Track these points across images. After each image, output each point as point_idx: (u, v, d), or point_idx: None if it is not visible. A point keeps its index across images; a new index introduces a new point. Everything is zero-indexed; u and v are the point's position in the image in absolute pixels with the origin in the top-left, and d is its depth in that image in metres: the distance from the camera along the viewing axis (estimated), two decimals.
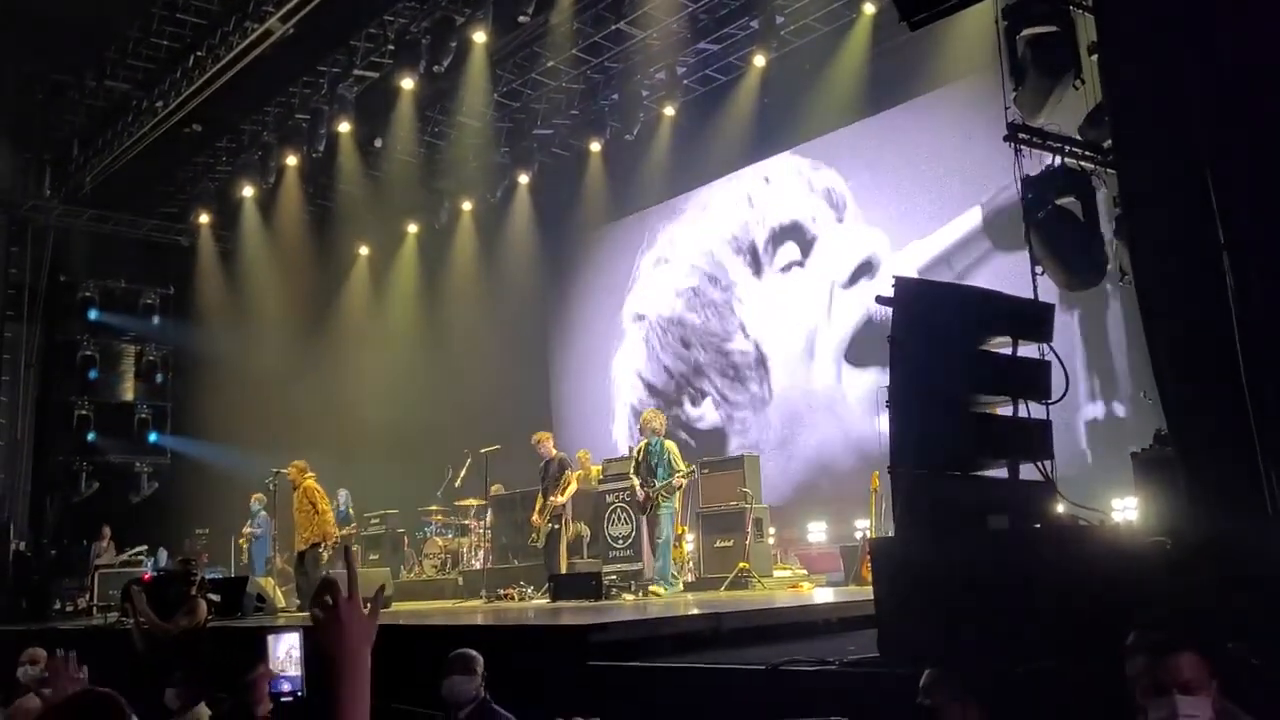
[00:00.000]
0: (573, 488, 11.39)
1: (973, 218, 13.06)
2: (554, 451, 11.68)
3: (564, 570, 11.19)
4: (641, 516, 11.13)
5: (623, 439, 16.99)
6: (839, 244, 14.92)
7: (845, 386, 14.63)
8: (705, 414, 16.59)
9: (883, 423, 5.01)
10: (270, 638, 2.75)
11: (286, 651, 2.78)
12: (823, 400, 14.91)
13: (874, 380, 13.91)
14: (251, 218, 17.59)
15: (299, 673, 2.81)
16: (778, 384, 15.59)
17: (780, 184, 15.75)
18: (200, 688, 5.48)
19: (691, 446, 15.16)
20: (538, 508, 11.54)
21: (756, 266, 16.07)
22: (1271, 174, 4.03)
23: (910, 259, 13.63)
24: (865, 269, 14.46)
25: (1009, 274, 9.49)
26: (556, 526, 11.25)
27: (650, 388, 17.47)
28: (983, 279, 11.97)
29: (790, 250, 15.58)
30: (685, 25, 13.95)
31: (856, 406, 14.24)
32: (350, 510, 14.79)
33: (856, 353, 14.42)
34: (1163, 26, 4.33)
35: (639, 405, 17.03)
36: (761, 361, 15.91)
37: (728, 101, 15.15)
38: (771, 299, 15.80)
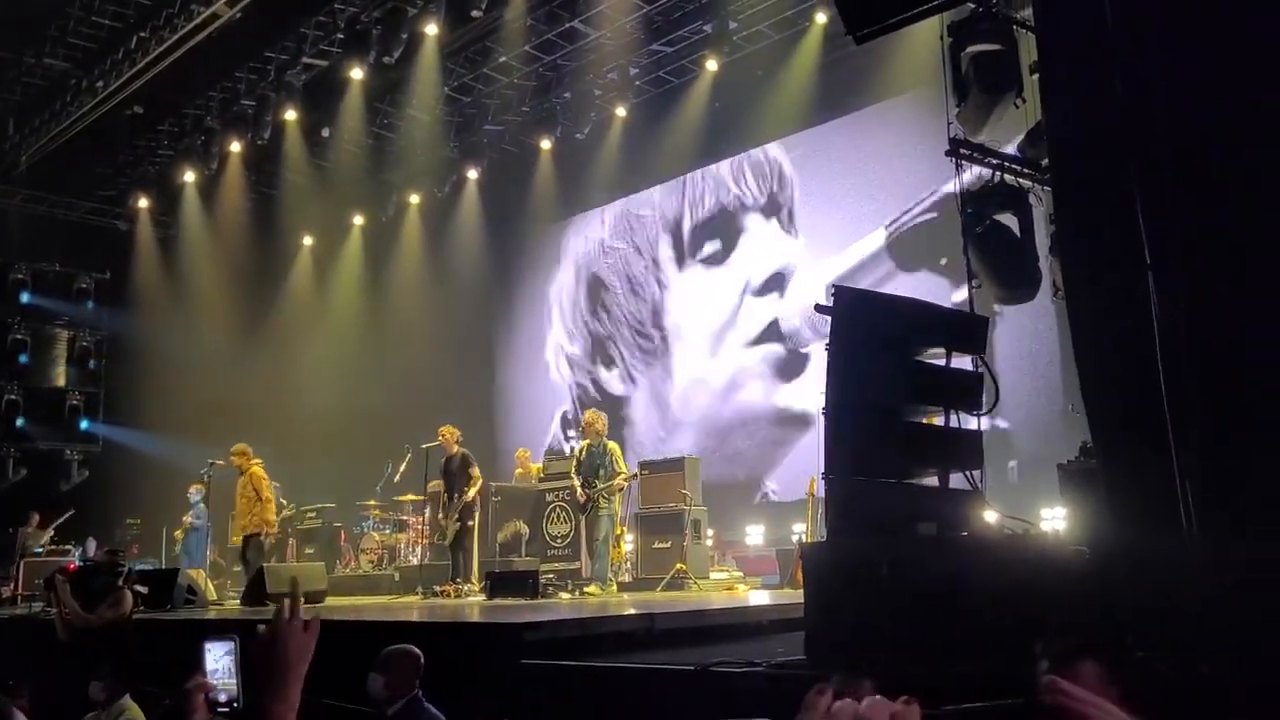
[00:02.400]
0: (478, 484, 11.20)
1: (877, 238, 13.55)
2: (456, 448, 11.44)
3: (475, 568, 11.11)
4: (581, 516, 11.15)
5: (553, 365, 17.58)
6: (762, 248, 15.27)
7: (741, 394, 14.94)
8: (612, 381, 17.17)
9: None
10: (206, 645, 2.72)
11: (223, 660, 2.75)
12: (717, 402, 15.38)
13: (770, 390, 14.41)
14: (192, 203, 17.31)
15: (235, 681, 2.78)
16: (678, 375, 16.14)
17: (721, 179, 16.04)
18: (126, 681, 5.42)
19: (596, 401, 16.26)
20: (442, 505, 11.41)
21: (679, 254, 16.49)
22: (1196, 199, 4.16)
23: (833, 271, 13.89)
24: (778, 279, 14.95)
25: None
26: (470, 523, 11.11)
27: (571, 333, 17.99)
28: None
29: (714, 243, 16.05)
30: (639, 26, 13.99)
31: (750, 414, 14.70)
32: (282, 499, 14.61)
33: (756, 359, 14.78)
34: (1096, 50, 4.45)
35: (566, 345, 17.81)
36: (667, 350, 16.47)
37: (679, 104, 15.23)
38: (689, 290, 16.25)
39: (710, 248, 16.03)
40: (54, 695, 5.71)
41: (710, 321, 15.76)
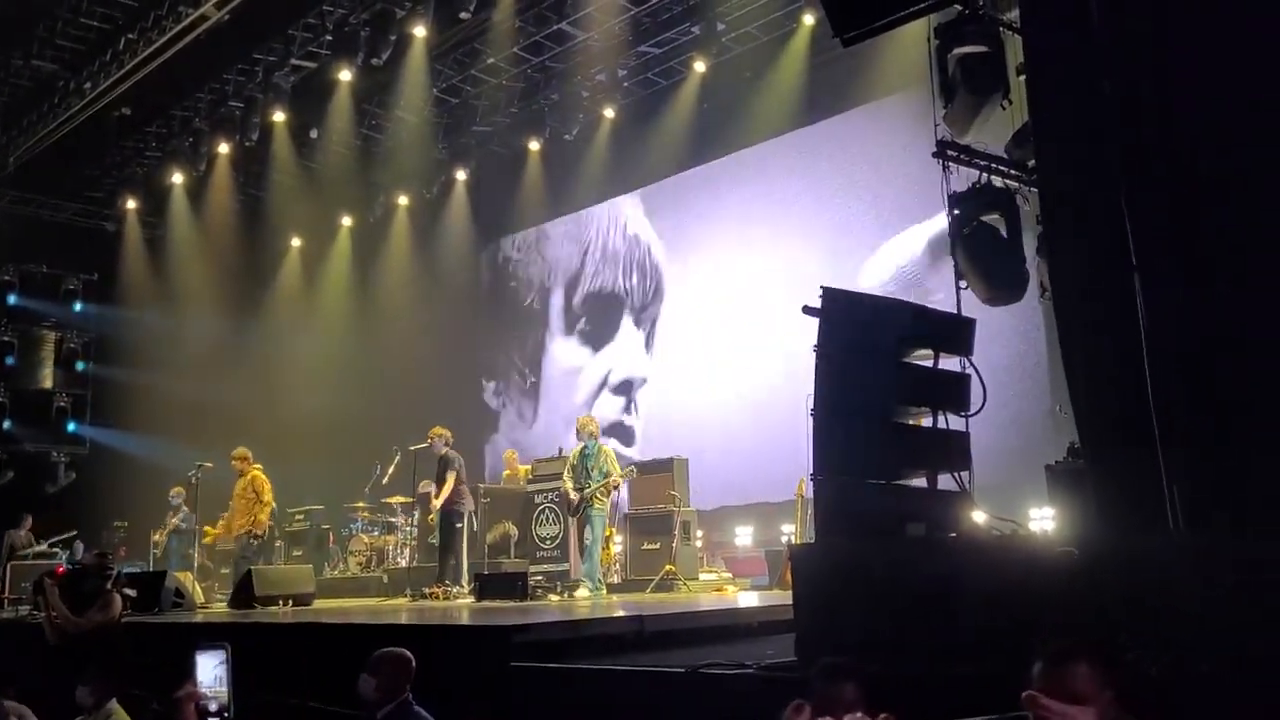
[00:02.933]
0: (449, 488, 11.09)
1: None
2: (443, 449, 11.38)
3: (464, 568, 11.09)
4: (570, 518, 11.15)
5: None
6: (752, 251, 15.26)
7: (710, 386, 15.13)
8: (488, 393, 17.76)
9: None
10: (197, 655, 2.71)
11: (214, 670, 2.74)
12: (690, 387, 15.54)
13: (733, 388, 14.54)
14: (180, 205, 17.25)
15: (226, 690, 2.78)
16: (541, 420, 16.78)
17: (615, 258, 16.75)
18: (114, 685, 5.39)
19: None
20: (431, 506, 11.40)
21: (567, 317, 17.15)
22: (1182, 200, 4.18)
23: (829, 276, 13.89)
24: (627, 386, 15.58)
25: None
26: (459, 525, 11.08)
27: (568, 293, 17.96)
28: None
29: (592, 325, 16.76)
30: (627, 28, 13.99)
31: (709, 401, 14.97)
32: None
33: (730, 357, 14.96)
34: (1083, 52, 4.47)
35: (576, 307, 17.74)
36: (536, 393, 17.06)
37: (667, 105, 15.24)
38: (562, 355, 16.77)
39: (588, 326, 16.97)
40: (42, 700, 5.68)
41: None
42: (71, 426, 17.22)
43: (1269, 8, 4.00)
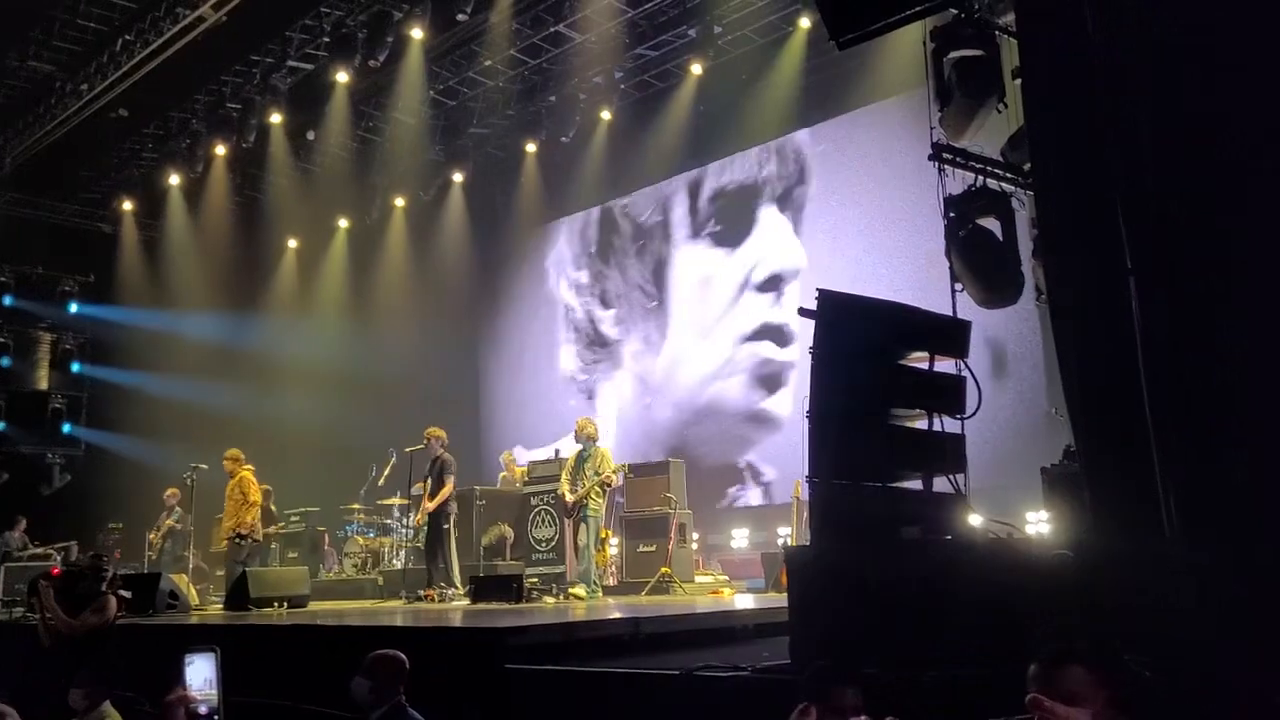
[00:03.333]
0: (446, 491, 11.05)
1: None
2: (439, 451, 11.28)
3: (456, 572, 11.07)
4: (566, 520, 11.14)
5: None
6: (770, 237, 15.11)
7: (723, 384, 15.01)
8: (607, 320, 17.28)
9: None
10: (186, 659, 2.70)
11: (203, 674, 2.72)
12: (700, 380, 15.39)
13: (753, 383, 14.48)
14: (177, 206, 17.23)
15: (216, 692, 2.76)
16: (670, 342, 16.10)
17: (748, 158, 15.74)
18: (107, 688, 5.37)
19: (589, 332, 16.85)
20: (421, 508, 11.34)
21: (693, 221, 16.25)
22: (1177, 204, 4.19)
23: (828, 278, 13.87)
24: (776, 281, 14.78)
25: None
26: (446, 526, 11.03)
27: (577, 261, 17.90)
28: None
29: (723, 224, 15.81)
30: (624, 31, 14.00)
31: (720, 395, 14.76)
32: (272, 507, 14.55)
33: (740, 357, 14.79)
34: (1078, 56, 4.48)
35: (575, 282, 17.62)
36: (664, 312, 16.39)
37: (664, 107, 15.26)
38: (691, 263, 16.11)
39: (720, 226, 15.85)
40: (34, 702, 5.66)
41: (708, 304, 15.72)
42: (67, 428, 17.17)
43: (1262, 14, 4.01)
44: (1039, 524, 8.94)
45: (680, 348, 16.02)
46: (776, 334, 14.66)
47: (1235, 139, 4.05)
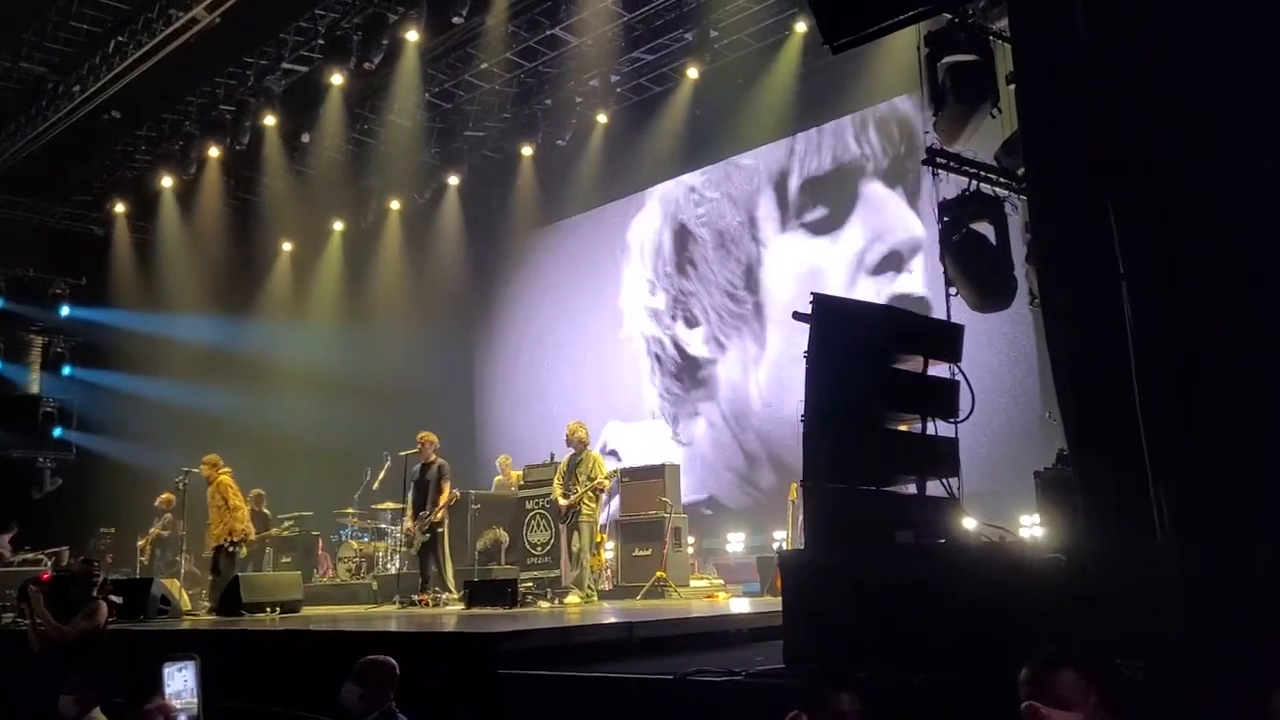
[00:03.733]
0: (445, 496, 11.04)
1: None
2: (435, 456, 11.26)
3: (451, 577, 11.04)
4: (561, 524, 11.13)
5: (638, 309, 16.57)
6: (881, 213, 13.93)
7: None
8: (694, 342, 16.07)
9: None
10: (166, 668, 2.67)
11: (184, 682, 2.70)
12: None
13: None
14: (170, 209, 17.16)
15: (196, 701, 2.74)
16: (771, 348, 14.91)
17: (840, 133, 14.57)
18: (97, 694, 5.34)
19: (675, 361, 15.94)
20: (411, 513, 11.27)
21: (783, 214, 15.09)
22: (1170, 209, 4.19)
23: None
24: (895, 259, 13.58)
25: None
26: (441, 531, 10.99)
27: (652, 282, 16.83)
28: None
29: (823, 208, 14.61)
30: (620, 34, 13.99)
31: None
32: (266, 511, 14.52)
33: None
34: (1071, 61, 4.48)
35: (652, 278, 16.78)
36: (759, 317, 15.24)
37: (660, 111, 15.26)
38: (789, 255, 14.96)
39: (819, 212, 14.62)
40: (24, 708, 5.64)
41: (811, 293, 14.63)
42: (58, 432, 17.09)
43: (1254, 20, 4.02)
44: (1032, 528, 8.94)
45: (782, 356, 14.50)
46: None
47: (1231, 143, 4.05)
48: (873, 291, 13.56)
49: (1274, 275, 3.95)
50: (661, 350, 16.34)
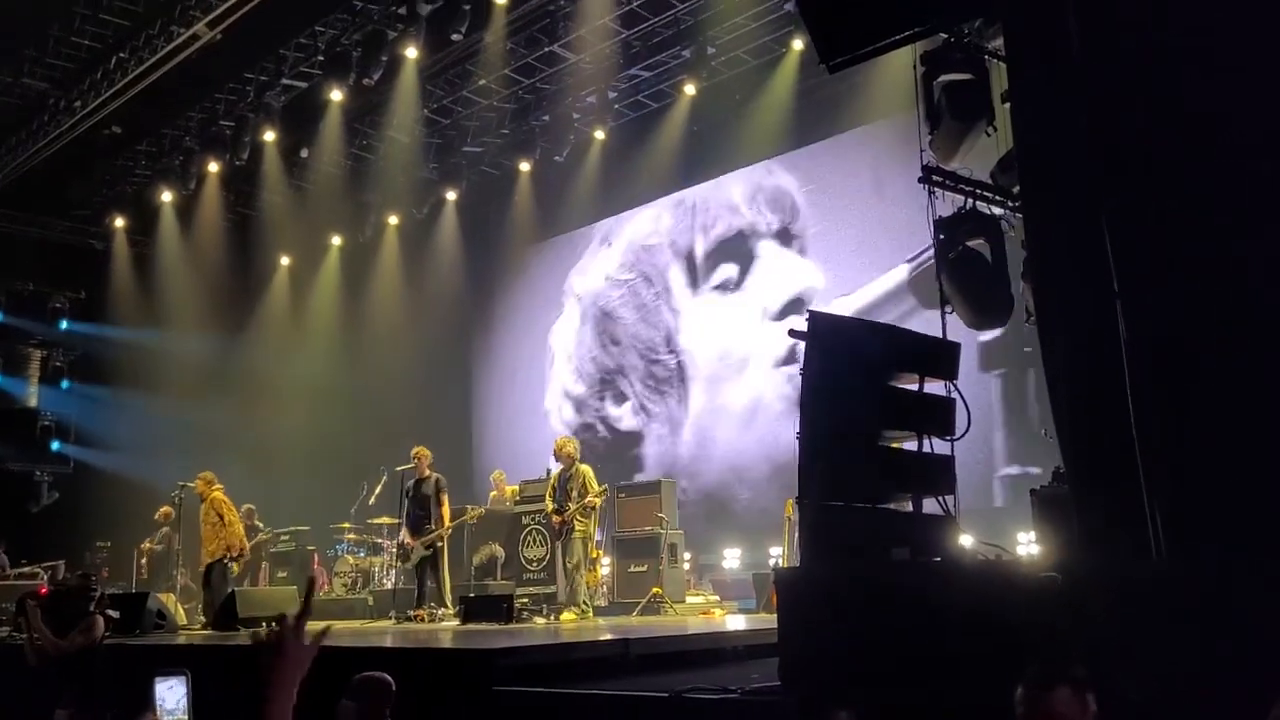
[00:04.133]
0: (448, 510, 11.06)
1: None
2: (429, 471, 11.28)
3: (448, 592, 11.02)
4: (556, 540, 11.11)
5: (555, 415, 17.14)
6: (777, 271, 14.97)
7: (762, 408, 14.79)
8: (624, 416, 16.62)
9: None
10: (157, 683, 2.66)
11: (175, 698, 2.69)
12: (740, 419, 15.03)
13: (787, 407, 14.14)
14: (169, 223, 17.21)
15: (187, 717, 2.73)
16: (695, 402, 15.66)
17: (728, 198, 15.69)
18: (93, 709, 5.34)
19: (607, 441, 16.00)
20: (407, 529, 11.22)
21: (693, 280, 16.03)
22: (1164, 227, 4.22)
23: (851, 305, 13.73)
24: (797, 304, 14.48)
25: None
26: (440, 545, 10.95)
27: (579, 372, 17.45)
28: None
29: (728, 268, 15.57)
30: (618, 51, 14.06)
31: (773, 426, 14.43)
32: (257, 522, 14.50)
33: (776, 381, 14.63)
34: (1066, 81, 4.52)
35: (570, 387, 17.34)
36: (682, 378, 15.94)
37: (657, 127, 15.32)
38: (703, 315, 15.79)
39: (725, 273, 15.61)
40: None
41: (728, 347, 15.39)
42: (55, 445, 17.09)
43: (1245, 38, 4.05)
44: (1029, 545, 8.95)
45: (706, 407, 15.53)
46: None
47: (1226, 160, 4.08)
48: (778, 333, 14.32)
49: (1274, 281, 3.95)
50: (594, 435, 16.73)
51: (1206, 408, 3.98)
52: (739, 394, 15.08)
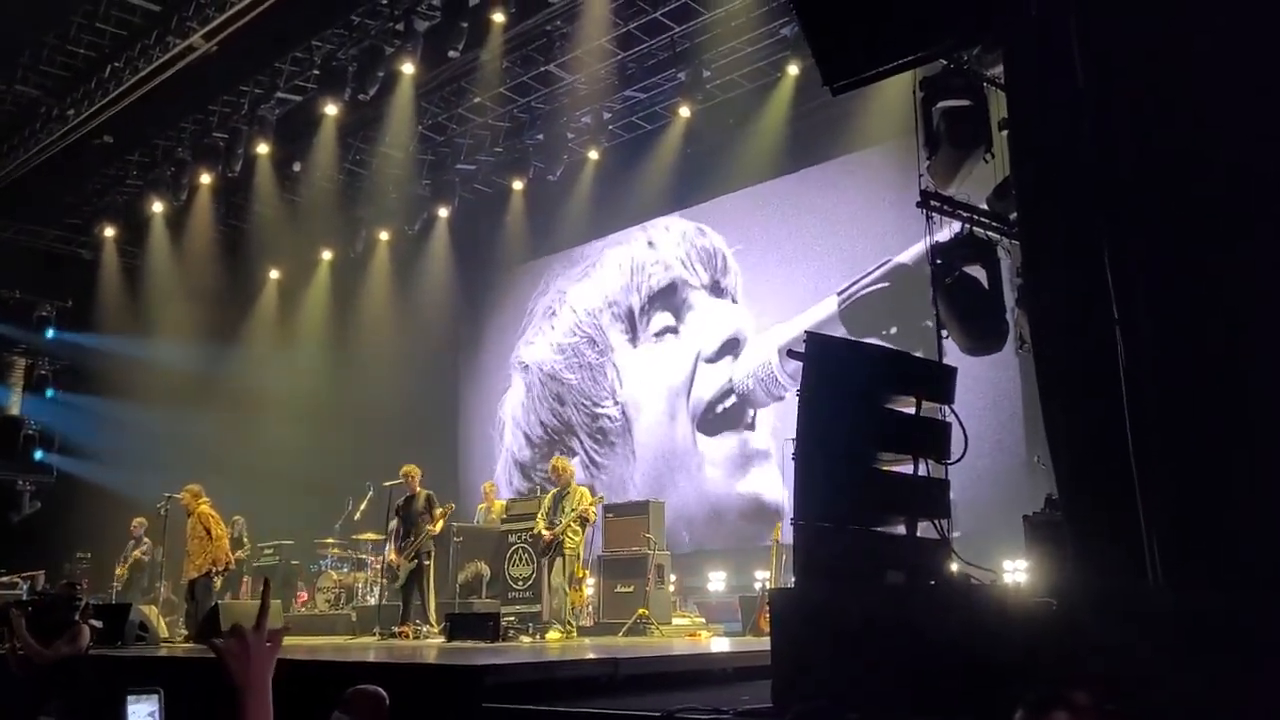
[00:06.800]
0: (439, 527, 11.10)
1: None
2: (419, 488, 11.29)
3: (433, 609, 10.97)
4: (543, 559, 11.07)
5: (504, 484, 17.18)
6: (711, 315, 15.47)
7: (702, 451, 15.07)
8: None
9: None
10: (130, 701, 2.60)
11: (146, 715, 2.63)
12: (681, 463, 15.33)
13: (731, 446, 14.68)
14: (160, 234, 17.15)
15: None
16: (640, 448, 16.06)
17: (663, 248, 16.25)
18: (77, 719, 5.27)
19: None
20: (395, 546, 11.21)
21: (633, 334, 16.52)
22: (1162, 255, 4.25)
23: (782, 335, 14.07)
24: (732, 345, 15.07)
25: None
26: (426, 563, 10.94)
27: (526, 437, 17.72)
28: None
29: (665, 317, 16.09)
30: (614, 72, 14.14)
31: (714, 471, 14.82)
32: (244, 537, 14.39)
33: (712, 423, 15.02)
34: (1064, 108, 4.55)
35: (516, 453, 17.54)
36: (627, 426, 16.33)
37: (652, 149, 15.39)
38: (643, 365, 16.25)
39: (661, 323, 16.18)
40: None
41: (667, 389, 15.80)
42: (39, 455, 16.93)
43: (1248, 63, 4.09)
44: (1015, 572, 8.95)
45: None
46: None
47: (1226, 187, 4.11)
48: (713, 375, 15.33)
49: (1275, 290, 3.96)
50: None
51: (1206, 428, 3.99)
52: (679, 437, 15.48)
